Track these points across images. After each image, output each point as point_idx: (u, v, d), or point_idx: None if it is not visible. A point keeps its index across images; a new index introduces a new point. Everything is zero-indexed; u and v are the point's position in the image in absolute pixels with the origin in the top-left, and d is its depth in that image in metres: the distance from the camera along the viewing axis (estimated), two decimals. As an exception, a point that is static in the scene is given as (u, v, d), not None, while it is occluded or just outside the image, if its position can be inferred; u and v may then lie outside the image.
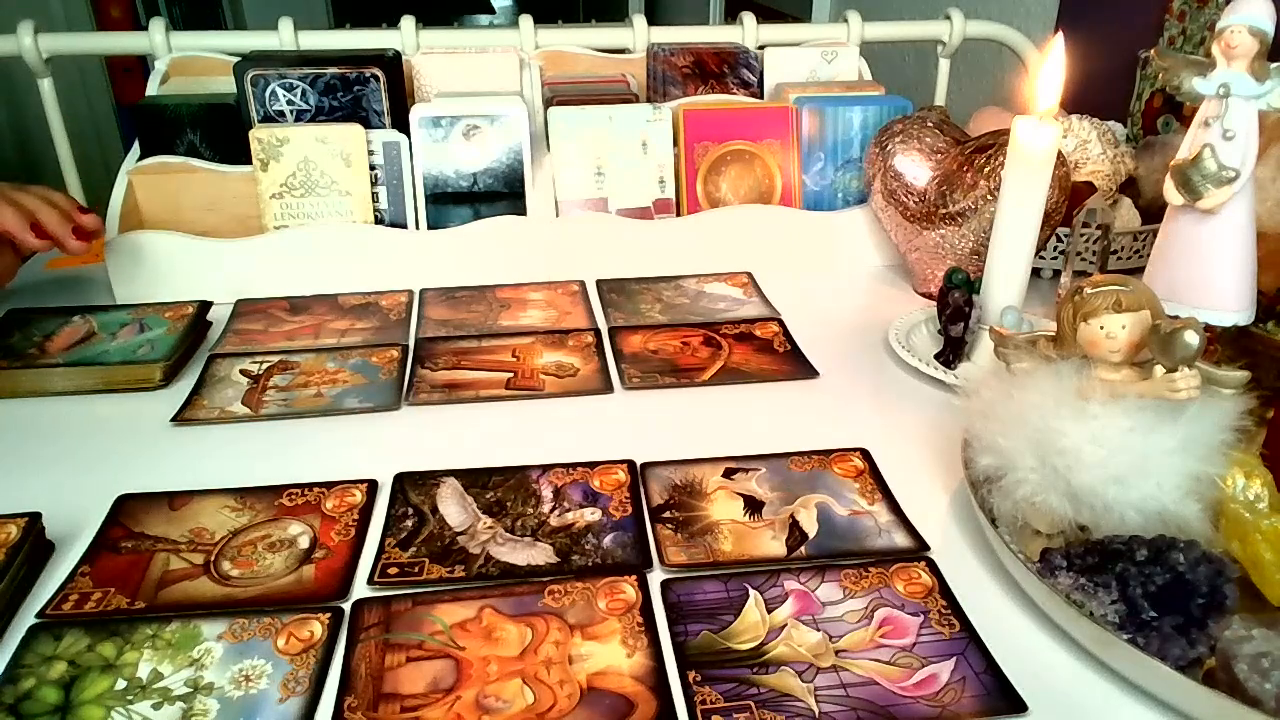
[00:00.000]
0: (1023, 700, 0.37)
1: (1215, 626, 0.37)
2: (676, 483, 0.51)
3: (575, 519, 0.48)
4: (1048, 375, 0.43)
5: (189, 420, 0.57)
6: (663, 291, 0.76)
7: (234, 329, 0.69)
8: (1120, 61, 1.00)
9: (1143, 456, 0.40)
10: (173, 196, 0.76)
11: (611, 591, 0.43)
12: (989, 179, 0.67)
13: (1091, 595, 0.39)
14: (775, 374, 0.64)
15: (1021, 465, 0.43)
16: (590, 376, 0.63)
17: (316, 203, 0.75)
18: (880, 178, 0.74)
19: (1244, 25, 0.50)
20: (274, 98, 0.75)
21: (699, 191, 0.81)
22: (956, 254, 0.71)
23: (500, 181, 0.77)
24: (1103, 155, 0.79)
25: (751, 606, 0.42)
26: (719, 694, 0.38)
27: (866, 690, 0.38)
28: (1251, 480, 0.41)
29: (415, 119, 0.75)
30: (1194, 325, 0.39)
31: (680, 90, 0.87)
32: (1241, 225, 0.54)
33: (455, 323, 0.70)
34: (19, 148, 2.43)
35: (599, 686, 0.38)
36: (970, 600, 0.43)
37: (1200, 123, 0.53)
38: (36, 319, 0.67)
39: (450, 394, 0.60)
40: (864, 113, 0.80)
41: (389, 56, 0.77)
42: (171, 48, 0.88)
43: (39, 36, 0.90)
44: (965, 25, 1.04)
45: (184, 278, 0.72)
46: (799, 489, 0.51)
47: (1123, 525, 0.41)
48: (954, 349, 0.63)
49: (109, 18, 2.74)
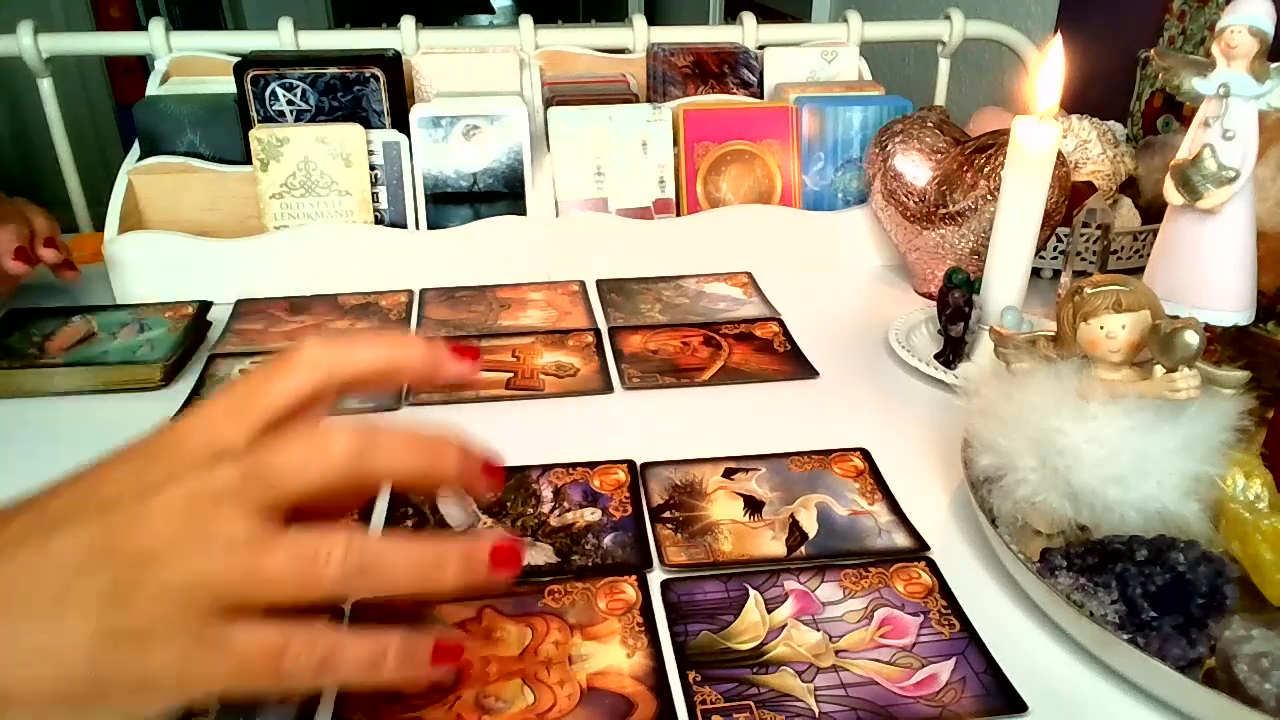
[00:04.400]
0: (1023, 700, 0.37)
1: (1215, 626, 0.37)
2: (676, 483, 0.51)
3: (575, 519, 0.48)
4: (1048, 375, 0.43)
5: (189, 420, 0.57)
6: (663, 291, 0.76)
7: (234, 329, 0.69)
8: (1120, 61, 1.00)
9: (1143, 456, 0.40)
10: (173, 196, 0.76)
11: (611, 591, 0.43)
12: (989, 179, 0.67)
13: (1091, 595, 0.39)
14: (775, 374, 0.64)
15: (1021, 465, 0.43)
16: (590, 376, 0.63)
17: (316, 203, 0.75)
18: (880, 178, 0.74)
19: (1244, 25, 0.50)
20: (274, 98, 0.75)
21: (699, 191, 0.81)
22: (956, 254, 0.71)
23: (500, 181, 0.77)
24: (1103, 155, 0.79)
25: (751, 606, 0.42)
26: (719, 694, 0.38)
27: (866, 690, 0.38)
28: (1251, 480, 0.41)
29: (415, 119, 0.75)
30: (1194, 325, 0.39)
31: (680, 90, 0.87)
32: (1241, 225, 0.54)
33: (455, 323, 0.70)
34: (19, 147, 2.43)
35: (599, 686, 0.38)
36: (970, 600, 0.43)
37: (1200, 123, 0.53)
38: (36, 319, 0.67)
39: (450, 394, 0.60)
40: (864, 113, 0.80)
41: (389, 56, 0.77)
42: (171, 48, 0.88)
43: (39, 36, 0.90)
44: (965, 25, 1.04)
45: (184, 278, 0.72)
46: (799, 489, 0.51)
47: (1123, 525, 0.41)
48: (954, 349, 0.63)
49: (109, 18, 2.74)
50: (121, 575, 0.28)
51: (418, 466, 0.33)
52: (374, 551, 0.30)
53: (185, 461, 0.31)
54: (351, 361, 0.34)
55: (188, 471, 0.30)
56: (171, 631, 0.28)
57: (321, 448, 0.31)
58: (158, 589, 0.28)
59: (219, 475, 0.30)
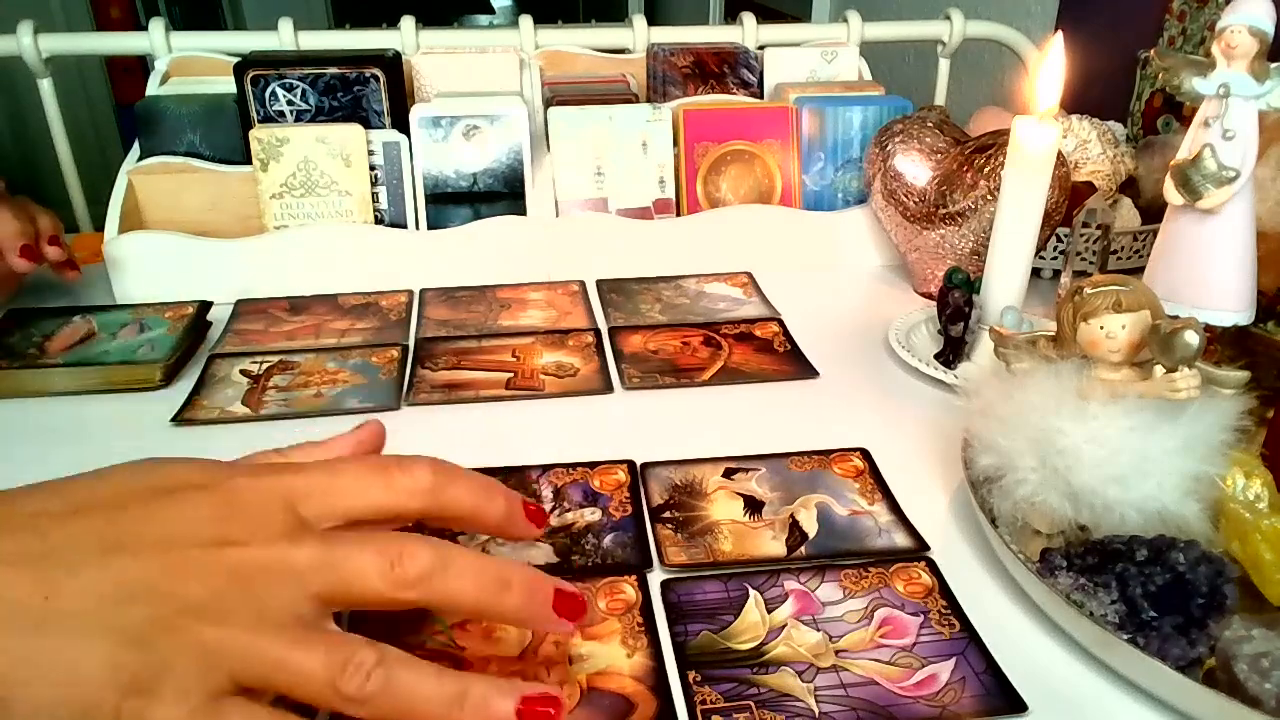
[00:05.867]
0: (1023, 700, 0.37)
1: (1215, 626, 0.37)
2: (676, 483, 0.51)
3: (575, 519, 0.48)
4: (1048, 375, 0.43)
5: (189, 420, 0.57)
6: (663, 291, 0.76)
7: (234, 329, 0.69)
8: (1120, 61, 1.00)
9: (1143, 456, 0.40)
10: (173, 196, 0.76)
11: (611, 591, 0.43)
12: (989, 179, 0.67)
13: (1091, 595, 0.39)
14: (775, 374, 0.64)
15: (1021, 465, 0.43)
16: (590, 376, 0.63)
17: (316, 203, 0.75)
18: (880, 178, 0.74)
19: (1244, 25, 0.50)
20: (274, 98, 0.75)
21: (699, 191, 0.81)
22: (956, 254, 0.71)
23: (500, 181, 0.77)
24: (1103, 155, 0.79)
25: (751, 606, 0.42)
26: (719, 694, 0.38)
27: (866, 690, 0.38)
28: (1251, 480, 0.41)
29: (415, 119, 0.75)
30: (1194, 325, 0.39)
31: (680, 90, 0.87)
32: (1241, 225, 0.54)
33: (455, 323, 0.70)
34: (19, 148, 2.43)
35: (599, 686, 0.38)
36: (970, 600, 0.43)
37: (1200, 123, 0.53)
38: (36, 319, 0.67)
39: (450, 394, 0.60)
40: (864, 113, 0.80)
41: (389, 56, 0.77)
42: (171, 48, 0.88)
43: (39, 36, 0.90)
44: (965, 25, 1.04)
45: (184, 278, 0.72)
46: (799, 489, 0.51)
47: (1123, 525, 0.41)
48: (954, 349, 0.63)
49: (109, 18, 2.74)
50: (160, 616, 0.28)
51: (479, 601, 0.32)
52: (402, 680, 0.29)
53: (269, 529, 0.30)
54: (448, 503, 0.34)
55: (268, 540, 0.30)
56: (181, 691, 0.27)
57: (397, 564, 0.31)
58: (188, 642, 0.27)
59: (299, 554, 0.30)
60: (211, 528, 0.30)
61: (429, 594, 0.31)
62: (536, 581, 0.33)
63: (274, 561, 0.30)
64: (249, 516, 0.31)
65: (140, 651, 0.27)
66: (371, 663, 0.29)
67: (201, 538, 0.29)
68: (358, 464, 0.34)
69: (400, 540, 0.31)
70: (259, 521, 0.30)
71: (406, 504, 0.33)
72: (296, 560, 0.30)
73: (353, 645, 0.29)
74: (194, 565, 0.29)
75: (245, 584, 0.29)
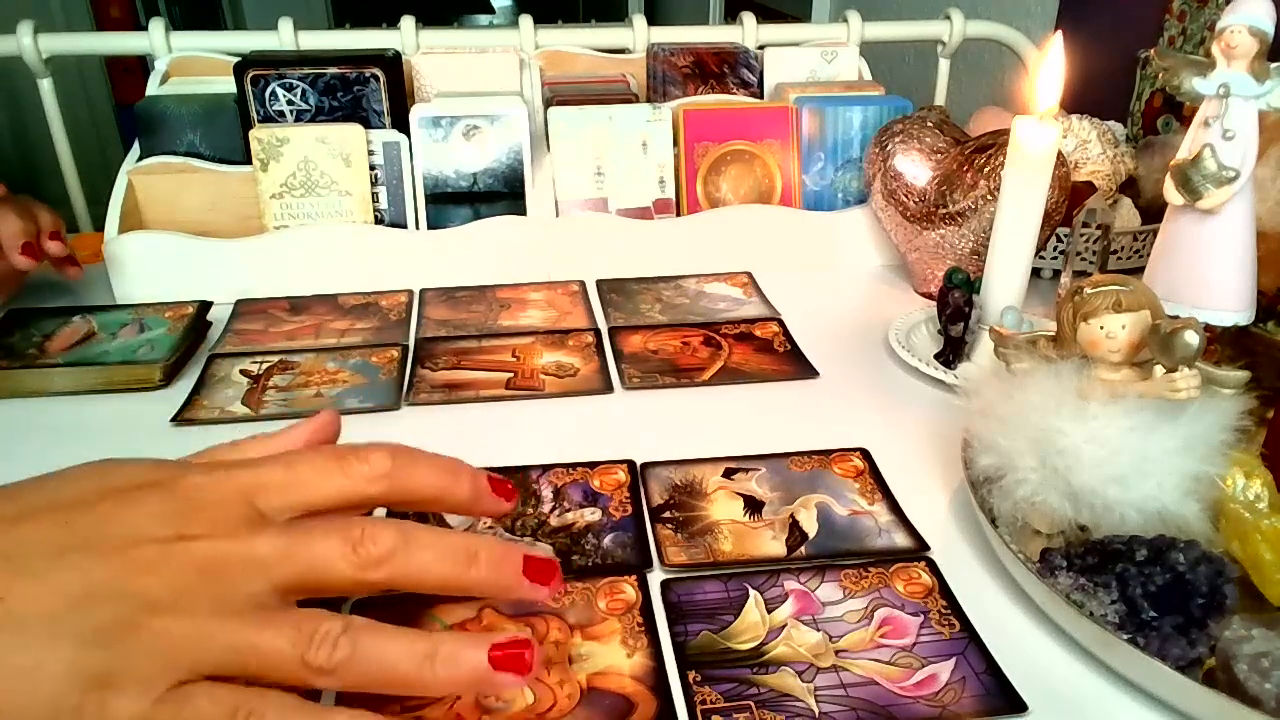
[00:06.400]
0: (1023, 700, 0.37)
1: (1215, 626, 0.37)
2: (676, 483, 0.51)
3: (575, 519, 0.48)
4: (1048, 375, 0.43)
5: (189, 420, 0.57)
6: (663, 291, 0.76)
7: (234, 329, 0.69)
8: (1120, 61, 1.00)
9: (1143, 456, 0.40)
10: (173, 196, 0.76)
11: (611, 591, 0.43)
12: (989, 179, 0.67)
13: (1091, 595, 0.39)
14: (775, 374, 0.64)
15: (1021, 465, 0.43)
16: (590, 376, 0.63)
17: (316, 203, 0.75)
18: (880, 178, 0.74)
19: (1244, 25, 0.50)
20: (274, 98, 0.75)
21: (699, 191, 0.81)
22: (956, 254, 0.71)
23: (500, 181, 0.77)
24: (1103, 155, 0.79)
25: (751, 606, 0.42)
26: (719, 694, 0.38)
27: (866, 690, 0.38)
28: (1251, 480, 0.41)
29: (415, 119, 0.75)
30: (1194, 325, 0.39)
31: (680, 90, 0.87)
32: (1241, 225, 0.54)
33: (455, 323, 0.70)
34: (19, 148, 2.43)
35: (599, 686, 0.38)
36: (970, 600, 0.43)
37: (1200, 123, 0.53)
38: (36, 319, 0.67)
39: (450, 394, 0.60)
40: (864, 113, 0.80)
41: (389, 56, 0.77)
42: (171, 48, 0.88)
43: (39, 36, 0.90)
44: (965, 25, 1.04)
45: (184, 278, 0.72)
46: (799, 489, 0.51)
47: (1123, 525, 0.41)
48: (954, 349, 0.63)
49: (109, 18, 2.74)
50: (120, 614, 0.27)
51: (446, 575, 0.32)
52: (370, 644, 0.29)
53: (228, 522, 0.30)
54: (410, 486, 0.34)
55: (229, 533, 0.30)
56: (144, 682, 0.27)
57: (360, 546, 0.31)
58: (150, 637, 0.27)
59: (259, 546, 0.30)
60: (169, 524, 0.30)
61: (395, 573, 0.31)
62: (503, 550, 0.33)
63: (235, 553, 0.29)
64: (207, 512, 0.30)
65: (101, 650, 0.27)
66: (337, 631, 0.29)
67: (159, 535, 0.29)
68: (314, 454, 0.33)
69: (361, 523, 0.31)
70: (218, 516, 0.30)
71: (366, 490, 0.33)
72: (258, 551, 0.30)
73: (317, 618, 0.29)
74: (153, 561, 0.29)
75: (206, 576, 0.29)
